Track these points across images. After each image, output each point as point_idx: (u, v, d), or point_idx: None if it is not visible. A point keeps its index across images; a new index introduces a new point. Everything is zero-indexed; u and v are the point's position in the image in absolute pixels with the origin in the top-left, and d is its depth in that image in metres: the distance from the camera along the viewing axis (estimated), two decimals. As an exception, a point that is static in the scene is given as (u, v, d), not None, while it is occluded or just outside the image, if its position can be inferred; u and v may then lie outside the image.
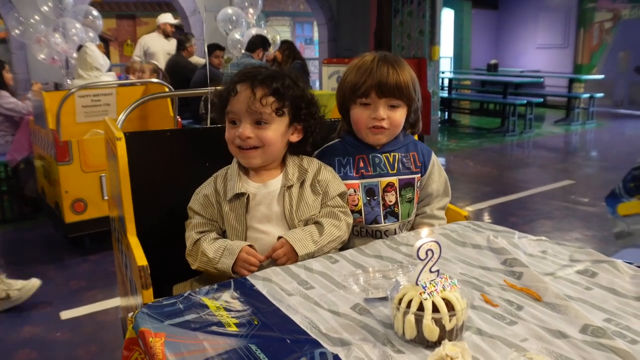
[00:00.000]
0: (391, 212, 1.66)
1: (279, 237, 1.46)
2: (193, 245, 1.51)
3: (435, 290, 0.97)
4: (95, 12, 5.69)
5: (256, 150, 1.50)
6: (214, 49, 6.68)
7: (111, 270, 3.42)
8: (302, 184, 1.54)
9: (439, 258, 0.99)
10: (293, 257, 1.42)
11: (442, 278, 0.99)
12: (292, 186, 1.53)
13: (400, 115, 1.63)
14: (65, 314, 3.13)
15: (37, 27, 5.43)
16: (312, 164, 1.59)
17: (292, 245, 1.42)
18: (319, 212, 1.54)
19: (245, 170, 1.56)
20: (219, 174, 1.58)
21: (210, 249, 1.46)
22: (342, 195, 1.59)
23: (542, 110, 10.96)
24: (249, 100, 1.46)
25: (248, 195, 1.50)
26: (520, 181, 6.14)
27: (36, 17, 5.45)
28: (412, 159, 1.70)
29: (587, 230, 4.35)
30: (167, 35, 7.36)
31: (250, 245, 1.45)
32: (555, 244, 1.43)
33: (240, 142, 1.49)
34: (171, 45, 7.32)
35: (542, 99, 9.87)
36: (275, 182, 1.54)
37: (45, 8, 5.24)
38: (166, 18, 7.54)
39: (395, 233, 1.64)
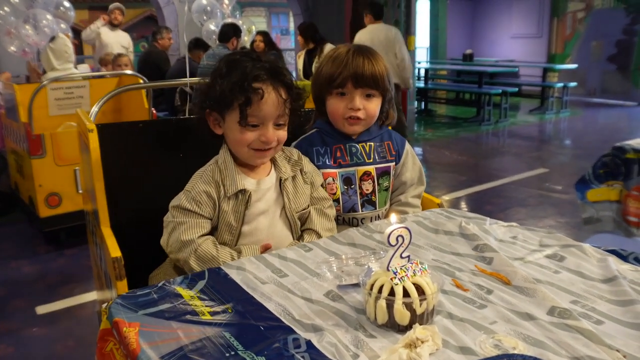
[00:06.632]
0: (368, 201, 1.69)
1: None
2: (195, 253, 1.40)
3: (406, 275, 0.98)
4: (66, 3, 5.60)
5: (272, 149, 1.47)
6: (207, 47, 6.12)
7: (87, 264, 3.39)
8: (294, 176, 1.56)
9: (409, 244, 1.00)
10: None
11: (412, 263, 1.01)
12: (287, 179, 1.53)
13: (375, 105, 1.66)
14: (41, 309, 3.10)
15: (6, 19, 5.31)
16: (293, 154, 1.60)
17: None
18: (311, 209, 1.57)
19: (239, 164, 1.51)
20: (212, 169, 1.49)
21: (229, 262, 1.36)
22: (322, 185, 1.63)
23: (517, 99, 11.08)
24: (277, 105, 1.42)
25: (250, 192, 1.47)
26: (496, 170, 6.21)
27: (6, 8, 5.34)
28: (387, 148, 1.73)
29: (561, 217, 4.43)
30: (112, 25, 6.79)
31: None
32: (526, 230, 1.46)
33: (262, 145, 1.44)
34: (123, 37, 6.89)
35: (516, 89, 9.98)
36: (270, 176, 1.53)
37: (15, -1, 5.15)
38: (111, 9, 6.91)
39: (372, 222, 1.66)
